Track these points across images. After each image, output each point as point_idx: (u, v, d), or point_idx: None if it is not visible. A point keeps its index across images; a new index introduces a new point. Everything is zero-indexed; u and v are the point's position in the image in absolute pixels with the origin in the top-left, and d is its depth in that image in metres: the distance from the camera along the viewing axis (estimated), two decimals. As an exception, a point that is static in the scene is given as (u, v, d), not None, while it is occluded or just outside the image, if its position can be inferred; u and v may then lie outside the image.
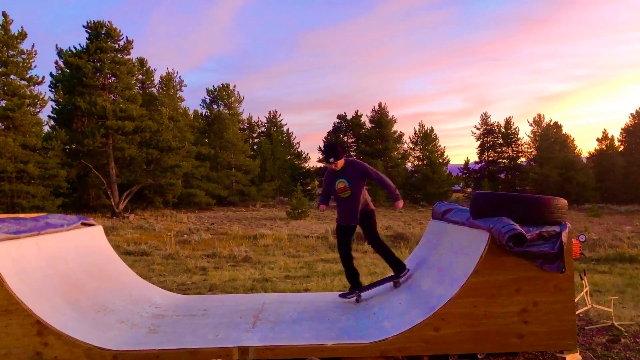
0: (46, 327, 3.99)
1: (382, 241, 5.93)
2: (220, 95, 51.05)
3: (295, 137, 61.62)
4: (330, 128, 61.11)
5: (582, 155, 59.83)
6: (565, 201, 4.44)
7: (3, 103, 28.36)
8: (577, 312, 5.17)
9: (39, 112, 31.39)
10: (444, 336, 4.15)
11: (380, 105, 58.19)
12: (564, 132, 59.84)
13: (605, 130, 60.17)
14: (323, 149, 7.03)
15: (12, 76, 29.29)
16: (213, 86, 52.13)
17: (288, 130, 61.00)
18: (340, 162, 5.76)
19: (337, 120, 60.52)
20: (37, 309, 4.05)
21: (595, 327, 5.36)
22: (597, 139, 59.73)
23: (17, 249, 4.39)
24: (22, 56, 29.96)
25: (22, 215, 5.48)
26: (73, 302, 4.63)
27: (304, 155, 59.84)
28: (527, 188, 56.67)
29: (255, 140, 58.91)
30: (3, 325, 3.97)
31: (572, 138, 60.46)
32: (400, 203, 5.75)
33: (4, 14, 29.08)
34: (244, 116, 56.52)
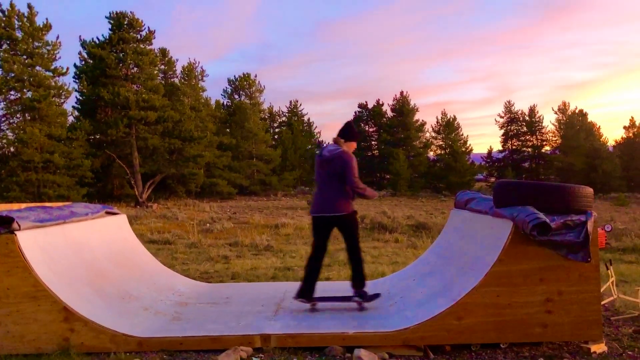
0: (73, 314, 4.07)
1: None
2: (242, 85, 51.08)
3: (316, 127, 61.33)
4: (351, 117, 60.89)
5: (608, 144, 58.60)
6: (591, 190, 4.35)
7: (29, 94, 28.84)
8: (602, 303, 5.08)
9: (63, 102, 31.76)
10: (466, 325, 4.12)
11: (401, 93, 57.53)
12: (589, 120, 58.65)
13: (632, 118, 58.66)
14: (347, 126, 6.29)
15: (37, 67, 29.72)
16: (234, 76, 52.08)
17: (309, 119, 60.81)
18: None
19: (359, 109, 60.20)
20: (64, 296, 4.13)
21: (621, 318, 5.27)
22: (624, 127, 58.56)
23: (44, 237, 4.48)
24: (47, 48, 30.30)
25: (48, 204, 5.57)
26: (98, 289, 4.72)
27: (324, 145, 59.70)
28: (551, 177, 55.82)
29: (277, 130, 58.91)
30: (31, 311, 4.06)
31: (598, 126, 59.09)
32: None
33: (29, 6, 29.47)
34: (265, 106, 56.33)
